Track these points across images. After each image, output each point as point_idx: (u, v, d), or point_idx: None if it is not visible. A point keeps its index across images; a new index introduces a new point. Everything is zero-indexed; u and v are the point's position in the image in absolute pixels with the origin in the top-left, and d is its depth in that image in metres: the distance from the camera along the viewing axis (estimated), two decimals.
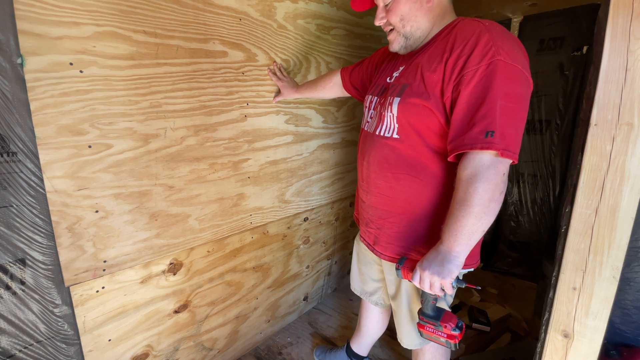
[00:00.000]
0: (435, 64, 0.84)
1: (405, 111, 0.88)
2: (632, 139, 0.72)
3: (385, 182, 0.97)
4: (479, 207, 0.74)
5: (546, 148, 2.14)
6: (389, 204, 0.98)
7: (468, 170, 0.76)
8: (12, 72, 0.80)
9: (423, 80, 0.85)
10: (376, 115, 0.99)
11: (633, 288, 0.87)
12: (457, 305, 1.90)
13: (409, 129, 0.89)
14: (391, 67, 1.03)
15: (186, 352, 1.35)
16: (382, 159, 0.95)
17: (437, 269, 0.78)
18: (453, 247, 0.78)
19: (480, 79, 0.75)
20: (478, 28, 0.80)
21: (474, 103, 0.76)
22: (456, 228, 0.77)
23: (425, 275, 0.79)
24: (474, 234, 0.76)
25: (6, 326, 0.86)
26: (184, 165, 1.20)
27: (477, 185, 0.74)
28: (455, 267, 0.78)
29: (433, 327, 0.90)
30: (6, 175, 0.82)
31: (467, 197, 0.75)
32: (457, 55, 0.79)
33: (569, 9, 1.92)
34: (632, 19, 0.70)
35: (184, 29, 1.12)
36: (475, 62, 0.76)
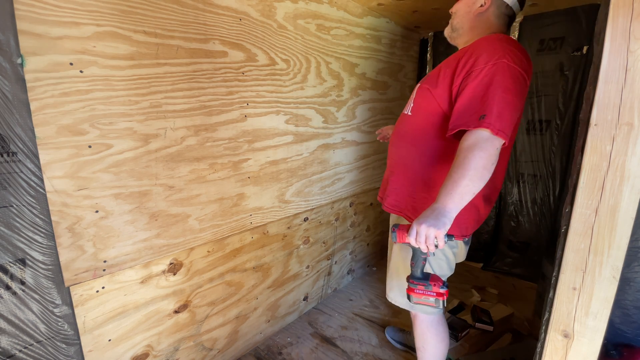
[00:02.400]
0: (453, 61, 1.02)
1: (418, 94, 1.12)
2: (632, 139, 0.72)
3: (397, 148, 1.18)
4: (473, 171, 0.87)
5: (546, 148, 2.14)
6: (400, 167, 1.17)
7: (469, 141, 0.89)
8: (12, 72, 0.80)
9: (438, 75, 1.04)
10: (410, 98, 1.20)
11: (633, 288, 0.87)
12: (459, 305, 1.90)
13: (418, 108, 1.11)
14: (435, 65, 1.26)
15: (186, 352, 1.35)
16: (401, 131, 1.18)
17: (432, 221, 0.87)
18: (447, 204, 0.89)
19: (485, 75, 0.91)
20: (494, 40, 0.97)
21: (477, 94, 0.91)
22: (452, 187, 0.88)
23: (422, 228, 0.87)
24: (465, 195, 0.88)
25: (6, 326, 0.86)
26: (184, 165, 1.20)
27: (475, 152, 0.87)
28: (448, 220, 0.87)
29: (423, 287, 0.98)
30: (6, 175, 0.82)
31: (465, 162, 0.87)
32: (469, 56, 0.96)
33: (569, 9, 1.92)
34: (632, 19, 0.70)
35: (184, 29, 1.12)
36: (483, 62, 0.92)
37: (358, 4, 1.85)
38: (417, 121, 1.11)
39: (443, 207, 0.89)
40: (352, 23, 1.84)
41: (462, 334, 1.60)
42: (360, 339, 1.74)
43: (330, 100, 1.80)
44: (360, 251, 2.35)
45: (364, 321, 1.90)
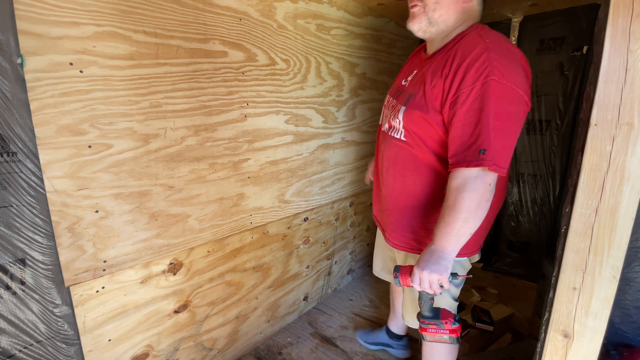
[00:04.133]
0: (436, 79, 0.90)
1: (408, 120, 0.97)
2: (632, 139, 0.72)
3: (393, 178, 1.07)
4: (466, 213, 0.83)
5: (546, 148, 2.14)
6: (396, 197, 1.08)
7: (457, 180, 0.84)
8: (12, 72, 0.80)
9: (424, 94, 0.93)
10: (389, 115, 1.07)
11: (633, 288, 0.87)
12: (459, 305, 1.90)
13: (413, 135, 0.98)
14: (408, 69, 1.09)
15: (186, 352, 1.35)
16: (392, 156, 1.06)
17: (433, 266, 0.85)
18: (445, 247, 0.86)
19: (474, 99, 0.82)
20: (478, 47, 0.84)
21: (469, 122, 0.83)
22: (446, 231, 0.85)
23: (424, 275, 0.85)
24: (462, 236, 0.85)
25: (6, 326, 0.86)
26: (184, 165, 1.20)
27: (465, 194, 0.82)
28: (449, 262, 0.85)
29: (435, 326, 0.95)
30: (6, 175, 0.82)
31: (456, 204, 0.83)
32: (454, 73, 0.85)
33: (569, 9, 1.92)
34: (632, 19, 0.70)
35: (184, 29, 1.12)
36: (470, 82, 0.82)
37: (358, 3, 1.85)
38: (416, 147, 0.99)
39: (441, 250, 0.86)
40: (352, 23, 1.84)
41: (462, 334, 1.60)
42: None
43: (330, 100, 1.80)
44: (360, 251, 2.35)
45: (363, 321, 1.90)
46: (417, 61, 1.06)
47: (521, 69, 0.87)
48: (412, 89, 0.98)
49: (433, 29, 0.95)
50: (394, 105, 1.05)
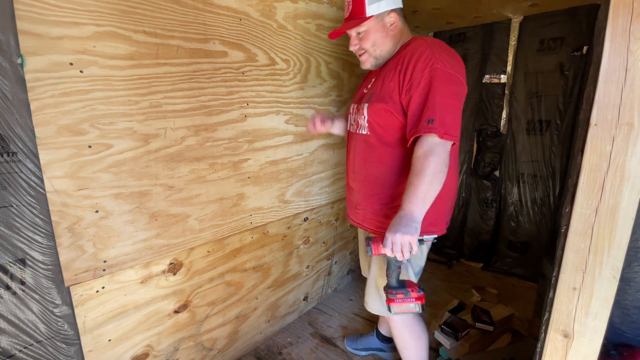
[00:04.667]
0: (392, 75, 1.07)
1: (372, 113, 1.12)
2: (632, 139, 0.72)
3: (364, 170, 1.19)
4: (431, 176, 0.94)
5: (546, 148, 2.14)
6: (369, 187, 1.18)
7: (423, 148, 0.96)
8: (12, 72, 0.80)
9: (383, 89, 1.09)
10: (356, 118, 1.21)
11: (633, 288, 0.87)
12: (459, 305, 1.90)
13: (376, 127, 1.12)
14: (368, 80, 1.25)
15: (186, 352, 1.35)
16: (361, 151, 1.18)
17: (404, 229, 0.92)
18: (413, 210, 0.95)
19: (425, 83, 0.98)
20: (422, 46, 1.04)
21: (421, 102, 0.99)
22: (414, 193, 0.95)
23: (396, 237, 0.92)
24: (427, 199, 0.95)
25: (6, 326, 0.86)
26: (184, 165, 1.20)
27: (430, 158, 0.94)
28: (417, 224, 0.94)
29: (402, 295, 1.02)
30: (6, 175, 0.82)
31: (422, 168, 0.94)
32: (406, 67, 1.02)
33: (569, 9, 1.93)
34: (632, 19, 0.70)
35: (184, 29, 1.12)
36: (420, 71, 0.99)
37: None
38: (380, 138, 1.12)
39: (410, 213, 0.94)
40: None
41: (462, 334, 1.60)
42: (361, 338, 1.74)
43: (331, 100, 1.80)
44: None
45: (363, 321, 1.90)
46: (374, 73, 1.23)
47: (457, 59, 1.05)
48: (374, 90, 1.14)
49: (380, 61, 1.16)
50: (359, 108, 1.19)
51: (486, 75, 2.33)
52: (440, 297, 2.08)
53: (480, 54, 2.32)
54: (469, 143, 2.45)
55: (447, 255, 2.63)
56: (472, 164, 2.48)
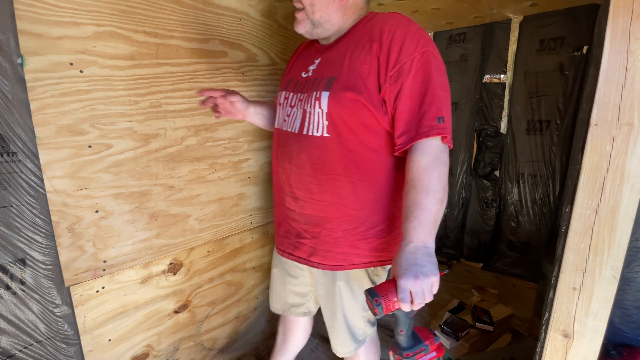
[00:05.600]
0: (364, 55, 0.81)
1: (337, 106, 0.82)
2: (632, 139, 0.72)
3: (318, 186, 0.88)
4: (442, 192, 0.74)
5: (546, 148, 2.14)
6: (325, 210, 0.89)
7: (428, 156, 0.75)
8: (12, 72, 0.80)
9: (355, 72, 0.81)
10: (298, 112, 0.90)
11: (633, 288, 0.87)
12: (459, 305, 1.90)
13: (341, 126, 0.83)
14: (305, 61, 0.97)
15: (186, 352, 1.35)
16: (314, 161, 0.87)
17: (425, 269, 0.69)
18: (427, 240, 0.73)
19: (418, 68, 0.76)
20: (402, 20, 0.81)
21: (416, 94, 0.76)
22: (427, 218, 0.72)
23: (419, 284, 0.68)
24: (438, 221, 0.75)
25: (6, 326, 0.86)
26: (184, 165, 1.20)
27: (440, 169, 0.75)
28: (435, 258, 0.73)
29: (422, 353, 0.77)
30: (6, 175, 0.82)
31: (431, 182, 0.73)
32: (388, 45, 0.78)
33: (569, 9, 1.92)
34: (632, 19, 0.70)
35: (184, 29, 1.12)
36: (410, 51, 0.76)
37: None
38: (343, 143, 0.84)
39: (424, 245, 0.72)
40: None
41: (462, 334, 1.60)
42: None
43: None
44: None
45: None
46: (313, 52, 0.96)
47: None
48: (330, 73, 0.85)
49: (318, 30, 0.90)
50: (302, 99, 0.89)
51: (486, 75, 2.33)
52: (440, 297, 2.07)
53: (480, 54, 2.32)
54: (469, 143, 2.45)
55: (447, 255, 2.63)
56: (472, 164, 2.48)
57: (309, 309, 1.19)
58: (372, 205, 0.88)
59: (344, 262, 0.92)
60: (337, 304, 0.97)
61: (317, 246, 0.93)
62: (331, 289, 0.97)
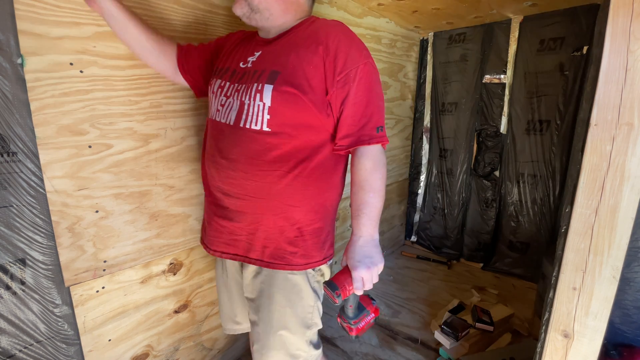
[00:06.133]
0: (310, 55, 0.82)
1: (280, 101, 0.81)
2: (632, 139, 0.72)
3: (253, 182, 0.86)
4: (383, 190, 0.85)
5: (546, 148, 2.14)
6: (262, 206, 0.87)
7: (371, 160, 0.84)
8: (12, 72, 0.80)
9: (300, 71, 0.81)
10: (234, 103, 0.86)
11: (633, 288, 0.88)
12: (459, 305, 1.90)
13: (283, 121, 0.82)
14: (244, 51, 0.94)
15: (186, 352, 1.35)
16: (250, 155, 0.84)
17: (373, 259, 0.81)
18: (374, 233, 0.84)
19: (361, 77, 0.82)
20: (344, 28, 0.87)
21: (361, 101, 0.83)
22: (374, 215, 0.83)
23: (371, 272, 0.80)
24: (380, 216, 0.86)
25: (6, 326, 0.86)
26: (184, 165, 1.20)
27: (381, 171, 0.84)
28: (380, 247, 0.85)
29: (365, 318, 0.90)
30: (6, 175, 0.82)
31: (375, 184, 0.83)
32: (334, 52, 0.81)
33: (569, 9, 1.92)
34: (632, 19, 0.70)
35: (184, 29, 1.12)
36: (355, 60, 0.81)
37: (358, 4, 1.85)
38: (284, 138, 0.83)
39: (372, 238, 0.84)
40: (352, 23, 1.84)
41: (462, 334, 1.60)
42: (360, 339, 1.74)
43: None
44: None
45: None
46: (254, 44, 0.94)
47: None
48: (273, 67, 0.84)
49: (257, 16, 0.88)
50: (240, 89, 0.86)
51: (486, 75, 2.33)
52: (440, 297, 2.08)
53: (480, 54, 2.32)
54: (469, 143, 2.46)
55: (447, 255, 2.63)
56: (472, 164, 2.48)
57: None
58: (310, 202, 0.90)
59: (280, 261, 0.90)
60: (273, 316, 0.91)
61: (253, 242, 0.91)
62: (266, 296, 0.92)
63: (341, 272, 0.84)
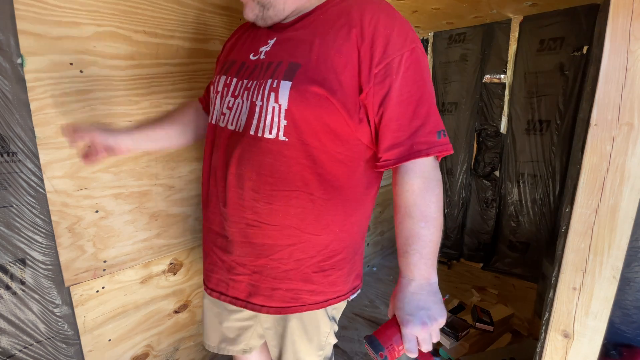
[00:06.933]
0: (340, 41, 0.63)
1: (300, 102, 0.62)
2: (632, 139, 0.72)
3: (267, 205, 0.68)
4: (440, 217, 0.64)
5: (546, 148, 2.14)
6: (274, 235, 0.69)
7: (421, 177, 0.63)
8: (12, 72, 0.80)
9: (327, 63, 0.62)
10: (243, 105, 0.68)
11: (633, 288, 0.87)
12: (459, 305, 1.90)
13: (303, 128, 0.64)
14: (254, 40, 0.75)
15: (186, 352, 1.35)
16: (264, 171, 0.66)
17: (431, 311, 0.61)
18: (430, 275, 0.64)
19: (408, 67, 0.62)
20: (382, 3, 0.66)
21: (410, 97, 0.62)
22: (429, 251, 0.63)
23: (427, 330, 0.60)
24: (437, 253, 0.65)
25: (6, 326, 0.86)
26: (184, 165, 1.20)
27: (436, 191, 0.64)
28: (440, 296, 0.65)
29: None
30: (6, 175, 0.82)
31: (429, 210, 0.63)
32: (371, 34, 0.61)
33: (569, 9, 1.92)
34: (632, 19, 0.70)
35: (184, 29, 1.12)
36: (398, 45, 0.61)
37: None
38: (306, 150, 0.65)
39: (429, 282, 0.64)
40: None
41: (462, 334, 1.60)
42: (360, 339, 1.74)
43: None
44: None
45: (364, 321, 1.90)
46: (267, 31, 0.74)
47: None
48: (292, 57, 0.65)
49: (270, 12, 0.70)
50: (250, 87, 0.68)
51: (486, 75, 2.33)
52: None
53: (480, 54, 2.32)
54: (469, 143, 2.46)
55: (447, 255, 2.63)
56: (472, 164, 2.48)
57: (250, 345, 0.90)
58: (334, 229, 0.71)
59: (294, 303, 0.73)
60: (287, 347, 0.79)
61: (258, 283, 0.73)
62: (280, 330, 0.79)
63: (388, 325, 0.65)
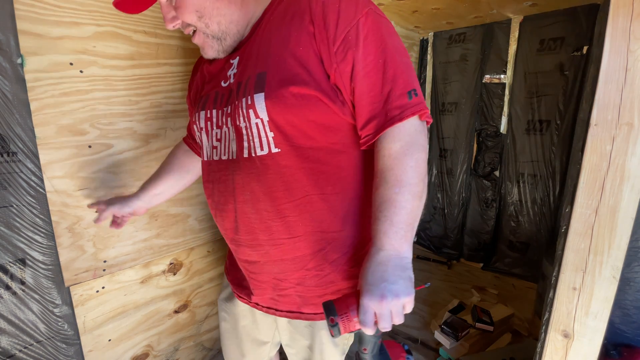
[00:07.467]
0: (294, 33, 0.61)
1: (280, 108, 0.60)
2: (632, 139, 0.72)
3: (282, 220, 0.66)
4: (420, 184, 0.58)
5: (546, 148, 2.14)
6: (301, 247, 0.67)
7: (401, 141, 0.58)
8: (12, 72, 0.80)
9: (288, 60, 0.61)
10: (229, 132, 0.67)
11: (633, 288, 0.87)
12: (459, 305, 1.90)
13: (292, 133, 0.62)
14: (220, 68, 0.73)
15: (186, 352, 1.35)
16: (269, 189, 0.64)
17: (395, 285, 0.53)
18: (402, 247, 0.57)
19: (367, 34, 0.58)
20: None
21: (375, 65, 0.59)
22: (401, 219, 0.56)
23: (385, 305, 0.53)
24: (416, 221, 0.59)
25: (6, 326, 0.86)
26: None
27: (416, 155, 0.58)
28: (411, 270, 0.57)
29: None
30: (6, 175, 0.82)
31: (406, 175, 0.58)
32: (321, 14, 0.59)
33: (569, 9, 1.92)
34: (632, 19, 0.70)
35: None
36: (350, 15, 0.58)
37: None
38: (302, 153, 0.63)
39: (398, 254, 0.56)
40: None
41: (462, 334, 1.60)
42: None
43: None
44: None
45: None
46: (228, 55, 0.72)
47: None
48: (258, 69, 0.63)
49: (228, 41, 0.69)
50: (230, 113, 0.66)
51: (486, 75, 2.33)
52: (440, 297, 2.07)
53: (480, 54, 2.32)
54: (469, 143, 2.46)
55: (447, 255, 2.63)
56: (472, 164, 2.48)
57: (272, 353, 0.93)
58: (355, 218, 0.69)
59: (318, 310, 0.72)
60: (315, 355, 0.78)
61: (305, 293, 0.71)
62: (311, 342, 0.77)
63: (350, 294, 0.59)
